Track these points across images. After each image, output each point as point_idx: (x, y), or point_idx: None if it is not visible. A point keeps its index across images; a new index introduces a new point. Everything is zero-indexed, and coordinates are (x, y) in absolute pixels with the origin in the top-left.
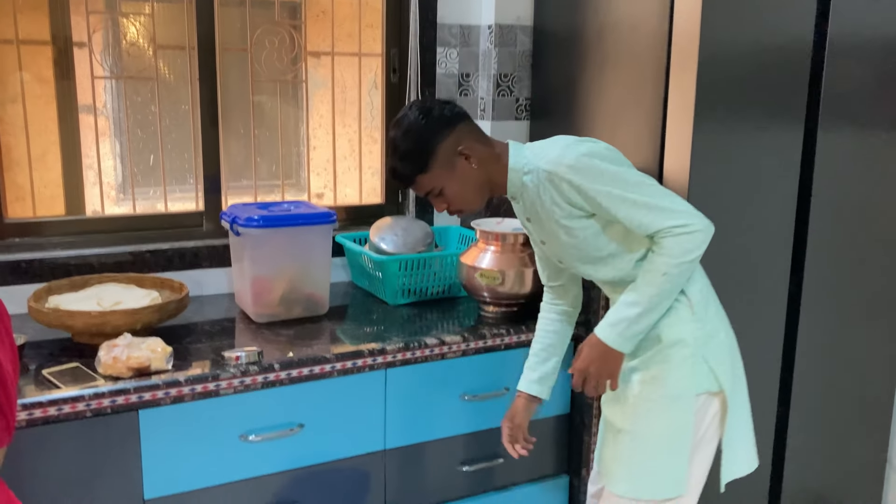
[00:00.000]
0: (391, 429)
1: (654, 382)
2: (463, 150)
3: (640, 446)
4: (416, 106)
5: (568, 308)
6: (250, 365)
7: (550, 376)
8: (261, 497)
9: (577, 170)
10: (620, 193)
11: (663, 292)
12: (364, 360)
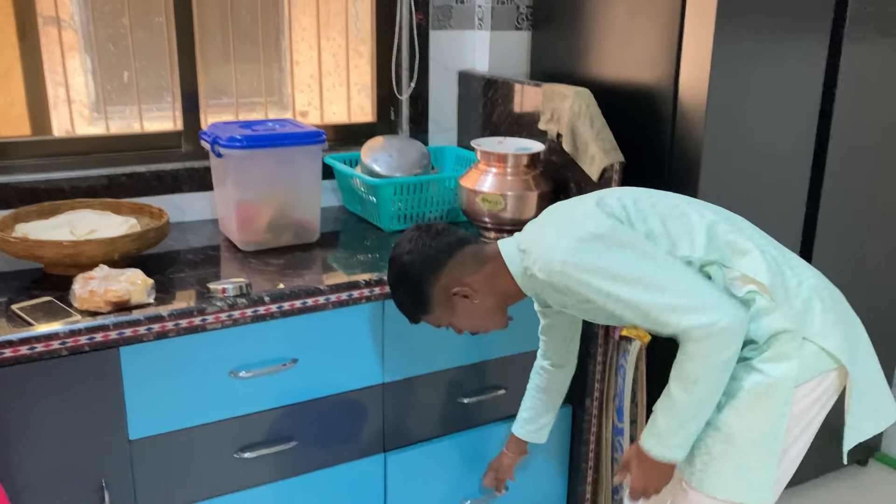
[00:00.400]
0: (389, 362)
1: (760, 381)
2: (457, 292)
3: (740, 444)
4: (405, 244)
5: (554, 366)
6: (238, 298)
7: (542, 430)
8: (254, 434)
9: (569, 276)
10: (626, 295)
11: (703, 399)
12: (360, 291)
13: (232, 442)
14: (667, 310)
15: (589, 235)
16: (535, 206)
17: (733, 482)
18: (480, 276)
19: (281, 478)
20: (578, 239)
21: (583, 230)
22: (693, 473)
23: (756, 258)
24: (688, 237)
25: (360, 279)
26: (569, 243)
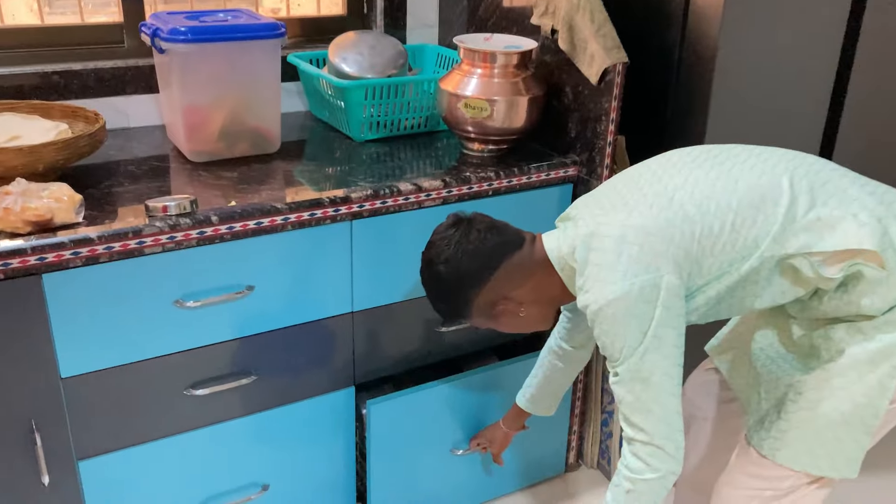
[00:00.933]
0: (359, 289)
1: (866, 346)
2: (501, 308)
3: (827, 413)
4: (441, 247)
5: (571, 368)
6: (181, 217)
7: (550, 407)
8: (205, 369)
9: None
10: (622, 374)
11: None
12: (325, 210)
13: (181, 378)
14: (636, 407)
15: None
16: (524, 114)
17: (813, 454)
18: (527, 288)
19: (240, 415)
20: (636, 300)
21: (646, 300)
22: (765, 440)
23: (850, 226)
24: (762, 235)
25: (324, 196)
26: (625, 305)
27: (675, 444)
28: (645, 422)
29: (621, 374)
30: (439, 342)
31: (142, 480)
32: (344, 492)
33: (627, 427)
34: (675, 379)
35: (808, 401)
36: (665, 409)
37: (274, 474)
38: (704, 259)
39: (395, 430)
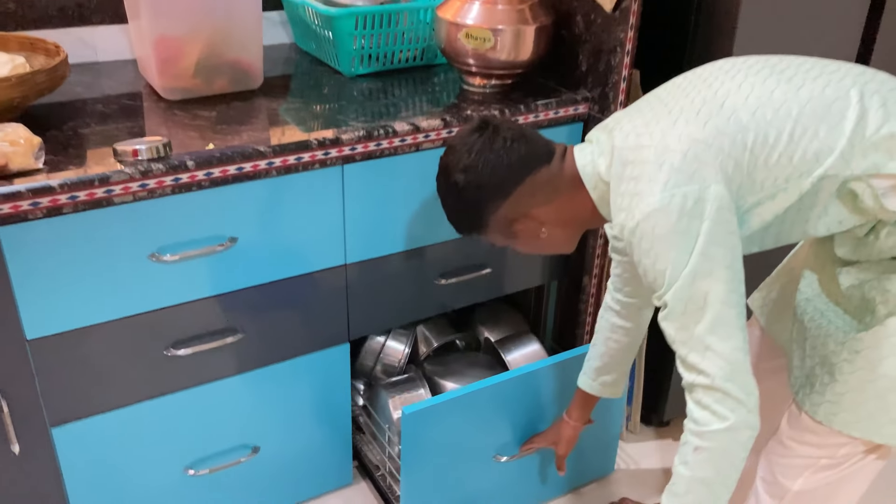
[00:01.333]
0: (352, 239)
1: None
2: (521, 227)
3: (890, 374)
4: (461, 153)
5: (634, 325)
6: (153, 162)
7: (618, 381)
8: (187, 327)
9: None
10: (672, 303)
11: (705, 477)
12: (313, 153)
13: (161, 337)
14: (691, 340)
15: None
16: (531, 45)
17: (875, 420)
18: (553, 207)
19: (226, 375)
20: (680, 214)
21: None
22: (820, 405)
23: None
24: (825, 151)
25: (312, 138)
26: (666, 219)
27: (743, 387)
28: (703, 361)
29: (670, 304)
30: (438, 295)
31: (123, 446)
32: (339, 452)
33: (685, 371)
34: (736, 308)
35: (866, 360)
36: (726, 344)
37: (265, 436)
38: (757, 172)
39: (432, 438)
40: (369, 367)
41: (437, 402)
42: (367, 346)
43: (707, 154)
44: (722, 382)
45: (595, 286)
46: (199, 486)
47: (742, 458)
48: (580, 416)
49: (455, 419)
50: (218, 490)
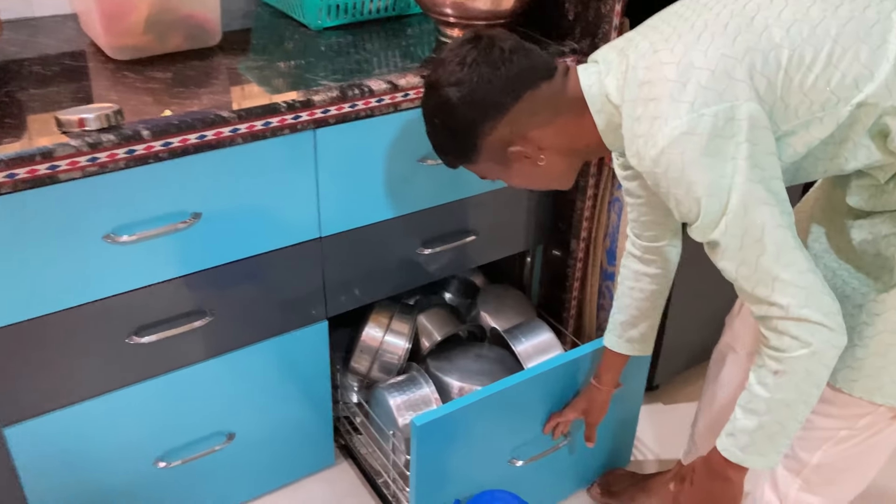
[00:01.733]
0: (327, 210)
1: None
2: (516, 151)
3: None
4: (452, 66)
5: (660, 271)
6: (103, 133)
7: (647, 336)
8: (150, 312)
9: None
10: (724, 241)
11: (785, 398)
12: (282, 117)
13: (121, 325)
14: (757, 277)
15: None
16: None
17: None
18: (553, 129)
19: (196, 360)
20: (710, 135)
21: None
22: (838, 371)
23: None
24: (866, 76)
25: (280, 101)
26: (696, 143)
27: (820, 308)
28: (773, 294)
29: (723, 242)
30: (421, 267)
31: (85, 442)
32: (320, 433)
33: (754, 305)
34: (791, 229)
35: (887, 322)
36: (793, 269)
37: (240, 422)
38: (791, 96)
39: (445, 448)
40: (366, 368)
41: (451, 411)
42: (362, 343)
43: (738, 70)
44: (798, 310)
45: (583, 250)
46: (171, 479)
47: (825, 377)
48: (610, 379)
49: (469, 425)
50: (192, 481)
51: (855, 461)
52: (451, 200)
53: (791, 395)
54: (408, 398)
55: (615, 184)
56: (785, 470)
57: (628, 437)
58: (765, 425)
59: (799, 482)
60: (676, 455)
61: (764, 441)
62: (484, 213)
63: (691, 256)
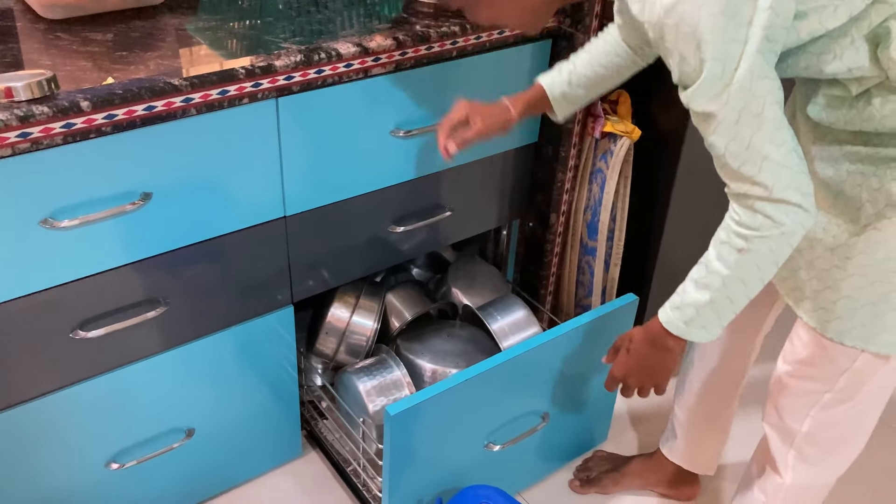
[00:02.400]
0: (292, 187)
1: None
2: None
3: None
4: None
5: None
6: (35, 104)
7: (571, 103)
8: (96, 304)
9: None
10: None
11: (744, 276)
12: (240, 84)
13: (64, 319)
14: (741, 155)
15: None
16: None
17: (869, 328)
18: None
19: (150, 354)
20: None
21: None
22: (812, 311)
23: None
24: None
25: (237, 66)
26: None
27: (799, 188)
28: (760, 173)
29: (720, 114)
30: (393, 245)
31: (27, 446)
32: (286, 424)
33: (734, 182)
34: (782, 105)
35: (857, 266)
36: (782, 149)
37: (199, 416)
38: None
39: (419, 437)
40: (332, 351)
41: (426, 398)
42: (328, 325)
43: None
44: (781, 192)
45: (563, 224)
46: (125, 480)
47: (787, 254)
48: (524, 111)
49: (444, 412)
50: (148, 481)
51: (845, 427)
52: (424, 175)
53: (751, 273)
54: (378, 383)
55: (597, 155)
56: (779, 441)
57: (606, 413)
58: (715, 300)
59: (793, 452)
60: (654, 431)
61: (710, 315)
62: (459, 187)
63: (671, 233)
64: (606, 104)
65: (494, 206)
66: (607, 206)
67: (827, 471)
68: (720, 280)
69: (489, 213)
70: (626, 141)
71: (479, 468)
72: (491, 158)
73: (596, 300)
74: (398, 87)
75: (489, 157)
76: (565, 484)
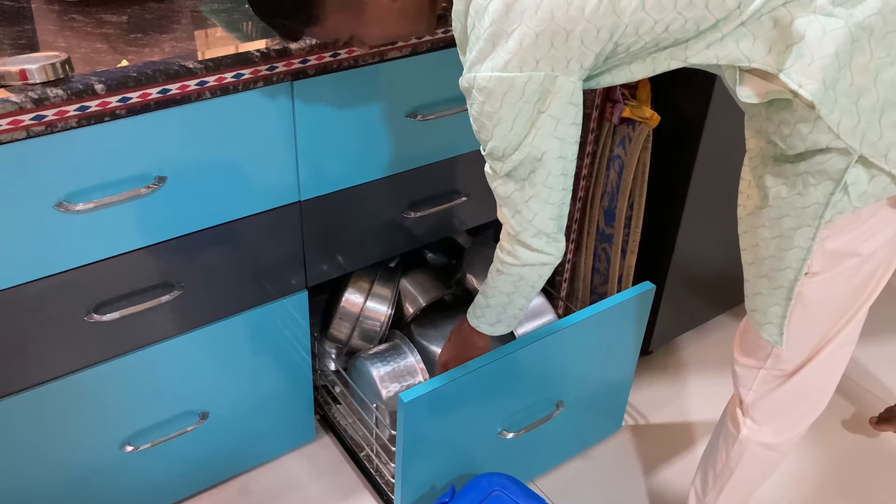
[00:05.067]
0: (306, 171)
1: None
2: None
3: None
4: None
5: None
6: (49, 87)
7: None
8: (111, 287)
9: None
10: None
11: (505, 290)
12: (255, 67)
13: (79, 302)
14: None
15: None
16: None
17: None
18: None
19: (164, 337)
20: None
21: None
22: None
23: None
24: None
25: (252, 49)
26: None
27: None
28: (512, 218)
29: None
30: (408, 231)
31: (43, 428)
32: (300, 408)
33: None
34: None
35: (744, 241)
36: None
37: (214, 400)
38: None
39: (432, 424)
40: (345, 336)
41: (439, 386)
42: (342, 309)
43: None
44: (526, 237)
45: (579, 211)
46: (140, 462)
47: (535, 282)
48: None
49: (458, 399)
50: (162, 463)
51: (787, 399)
52: (441, 159)
53: (508, 288)
54: (391, 369)
55: (616, 141)
56: (735, 399)
57: (621, 401)
58: (492, 305)
59: (749, 418)
60: (669, 420)
61: (492, 316)
62: (476, 172)
63: (689, 222)
64: (626, 89)
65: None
66: (625, 193)
67: (779, 432)
68: (490, 290)
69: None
70: (644, 127)
71: (493, 456)
72: None
73: (612, 288)
74: (415, 71)
75: None
76: (579, 472)
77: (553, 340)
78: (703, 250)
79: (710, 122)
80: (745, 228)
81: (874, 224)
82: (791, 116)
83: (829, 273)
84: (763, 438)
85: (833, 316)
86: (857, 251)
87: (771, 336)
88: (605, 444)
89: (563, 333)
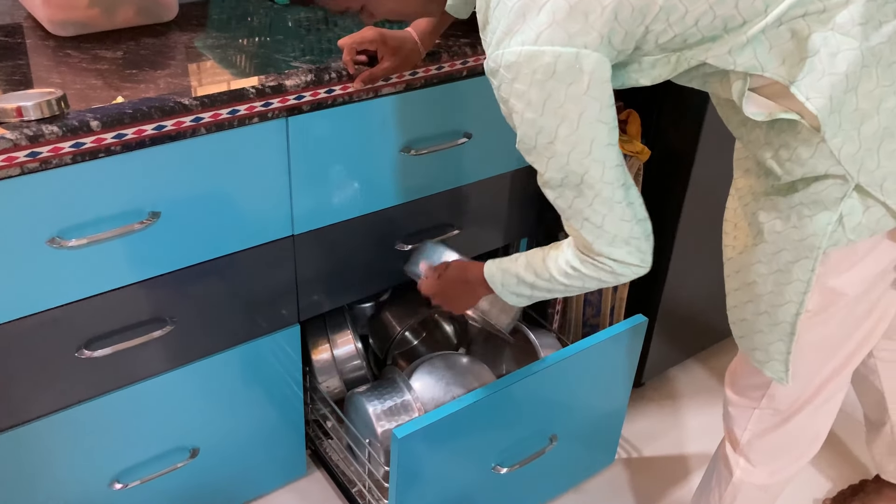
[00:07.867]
0: (300, 205)
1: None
2: None
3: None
4: None
5: None
6: (44, 123)
7: None
8: (103, 323)
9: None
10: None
11: (569, 288)
12: (250, 104)
13: (70, 338)
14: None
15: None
16: None
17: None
18: None
19: (156, 373)
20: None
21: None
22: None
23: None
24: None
25: (247, 85)
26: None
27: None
28: (582, 229)
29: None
30: (400, 263)
31: (30, 466)
32: (291, 443)
33: (567, 226)
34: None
35: (734, 281)
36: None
37: (205, 436)
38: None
39: (426, 460)
40: (338, 386)
41: (433, 421)
42: (320, 369)
43: None
44: (602, 248)
45: None
46: (129, 500)
47: (611, 283)
48: (431, 45)
49: (452, 435)
50: (152, 501)
51: (782, 440)
52: (432, 193)
53: (574, 287)
54: (388, 406)
55: None
56: (728, 442)
57: (614, 434)
58: (537, 287)
59: (742, 458)
60: (662, 452)
61: (524, 292)
62: (468, 206)
63: (681, 254)
64: None
65: (503, 224)
66: None
67: (773, 473)
68: (548, 283)
69: (497, 232)
70: (635, 161)
71: (487, 491)
72: (500, 177)
73: (604, 320)
74: (408, 106)
75: (498, 175)
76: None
77: (546, 374)
78: (695, 282)
79: (700, 156)
80: (735, 268)
81: (870, 261)
82: (793, 139)
83: (822, 312)
84: (757, 480)
85: (828, 354)
86: (852, 289)
87: (776, 374)
88: (598, 478)
89: (557, 367)
